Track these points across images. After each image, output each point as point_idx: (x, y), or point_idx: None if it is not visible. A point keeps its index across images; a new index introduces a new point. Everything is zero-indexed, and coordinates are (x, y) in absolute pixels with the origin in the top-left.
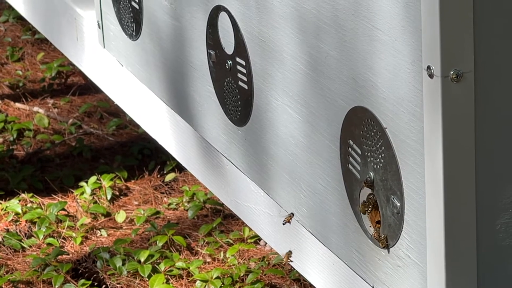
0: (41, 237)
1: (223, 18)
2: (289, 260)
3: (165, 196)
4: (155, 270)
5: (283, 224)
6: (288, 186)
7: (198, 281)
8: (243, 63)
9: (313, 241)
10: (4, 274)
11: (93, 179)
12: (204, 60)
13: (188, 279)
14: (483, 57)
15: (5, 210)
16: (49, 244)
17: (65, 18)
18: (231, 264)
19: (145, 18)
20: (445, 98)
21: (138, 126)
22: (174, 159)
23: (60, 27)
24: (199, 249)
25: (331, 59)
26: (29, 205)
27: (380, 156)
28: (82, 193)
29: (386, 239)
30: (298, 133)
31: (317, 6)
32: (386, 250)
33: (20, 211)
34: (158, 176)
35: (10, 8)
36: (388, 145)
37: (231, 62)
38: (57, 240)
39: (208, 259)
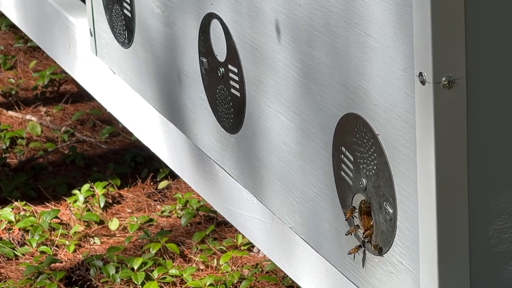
0: (34, 245)
1: (215, 25)
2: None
3: (158, 203)
4: (148, 278)
5: (346, 234)
6: (280, 193)
7: None
8: (235, 70)
9: (306, 247)
10: None
11: (86, 187)
12: (197, 67)
13: (181, 287)
14: (475, 64)
15: None
16: (42, 252)
17: (58, 26)
18: (224, 271)
19: (137, 26)
20: (437, 105)
21: (131, 134)
22: (167, 166)
23: (52, 35)
24: (192, 256)
25: (323, 66)
26: (22, 213)
27: (372, 163)
28: (75, 201)
29: (379, 246)
30: (290, 140)
31: (309, 14)
32: (379, 254)
33: (13, 219)
34: (151, 183)
35: (3, 16)
36: (381, 152)
37: (223, 69)
38: (50, 248)
39: (202, 267)
